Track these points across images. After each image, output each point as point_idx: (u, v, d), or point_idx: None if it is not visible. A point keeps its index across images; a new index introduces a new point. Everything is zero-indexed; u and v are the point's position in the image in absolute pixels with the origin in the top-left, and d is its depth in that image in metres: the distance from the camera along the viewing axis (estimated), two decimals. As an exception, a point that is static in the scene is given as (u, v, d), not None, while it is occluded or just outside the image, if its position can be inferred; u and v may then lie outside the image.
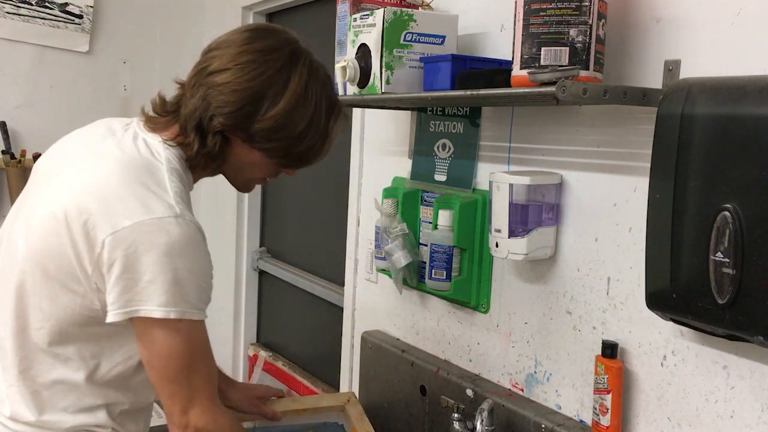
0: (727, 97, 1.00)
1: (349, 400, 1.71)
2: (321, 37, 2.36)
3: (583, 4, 1.11)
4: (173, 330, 1.10)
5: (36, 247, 1.14)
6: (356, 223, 1.99)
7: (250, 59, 1.14)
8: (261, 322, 2.93)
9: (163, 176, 1.12)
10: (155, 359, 1.12)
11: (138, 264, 1.06)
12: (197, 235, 1.11)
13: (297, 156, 1.22)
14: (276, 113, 1.15)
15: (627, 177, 1.24)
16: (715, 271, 1.00)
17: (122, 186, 1.10)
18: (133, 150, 1.16)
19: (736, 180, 0.98)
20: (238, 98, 1.13)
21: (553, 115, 1.38)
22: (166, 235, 1.06)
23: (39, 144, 2.76)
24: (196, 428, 1.14)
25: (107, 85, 2.93)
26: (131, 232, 1.06)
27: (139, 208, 1.08)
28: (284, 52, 1.17)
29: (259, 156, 1.20)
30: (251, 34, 1.18)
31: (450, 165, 1.62)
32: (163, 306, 1.07)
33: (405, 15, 1.42)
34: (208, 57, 1.19)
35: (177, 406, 1.13)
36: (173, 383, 1.13)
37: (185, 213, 1.10)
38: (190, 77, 1.20)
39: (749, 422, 1.08)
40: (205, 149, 1.16)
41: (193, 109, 1.16)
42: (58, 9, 2.78)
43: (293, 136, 1.18)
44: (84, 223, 1.08)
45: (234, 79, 1.13)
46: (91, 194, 1.10)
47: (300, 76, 1.17)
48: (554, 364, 1.40)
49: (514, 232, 1.31)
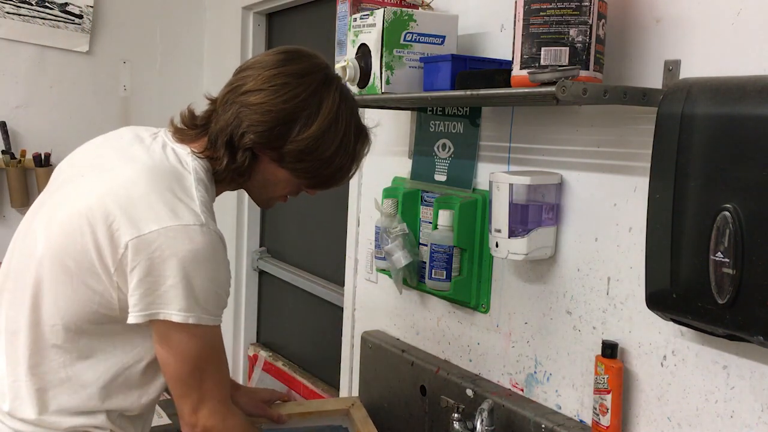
0: (727, 97, 1.00)
1: (354, 404, 1.73)
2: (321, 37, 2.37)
3: (583, 4, 1.11)
4: (190, 334, 1.13)
5: (57, 243, 1.15)
6: (356, 223, 1.99)
7: (285, 82, 1.17)
8: (261, 322, 2.93)
9: (190, 185, 1.15)
10: (170, 360, 1.15)
11: (162, 268, 1.09)
12: (219, 245, 1.14)
13: (325, 177, 1.26)
14: (308, 135, 1.18)
15: (627, 177, 1.24)
16: (715, 271, 1.00)
17: (150, 190, 1.12)
18: (162, 157, 1.19)
19: (736, 180, 0.98)
20: (272, 118, 1.16)
21: (553, 115, 1.38)
22: (191, 243, 1.09)
23: (39, 144, 2.77)
24: (205, 427, 1.17)
25: (107, 85, 2.93)
26: (157, 237, 1.09)
27: (166, 214, 1.10)
28: (317, 76, 1.20)
29: (285, 175, 1.23)
30: (285, 57, 1.20)
31: (450, 165, 1.62)
32: (183, 311, 1.10)
33: (405, 15, 1.42)
34: (242, 76, 1.20)
35: (188, 405, 1.16)
36: (185, 384, 1.16)
37: (210, 222, 1.13)
38: (222, 94, 1.22)
39: (749, 422, 1.08)
40: (234, 164, 1.19)
41: (224, 125, 1.18)
42: (58, 9, 2.78)
43: (324, 158, 1.21)
44: (109, 224, 1.11)
45: (269, 100, 1.16)
46: (117, 195, 1.12)
47: (332, 100, 1.20)
48: (554, 364, 1.40)
49: (514, 232, 1.31)
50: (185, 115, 1.26)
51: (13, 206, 2.75)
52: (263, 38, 2.82)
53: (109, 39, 2.91)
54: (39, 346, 1.17)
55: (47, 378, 1.17)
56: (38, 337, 1.17)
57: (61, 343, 1.17)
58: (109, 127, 3.25)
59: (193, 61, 3.12)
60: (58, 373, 1.17)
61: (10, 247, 1.27)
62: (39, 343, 1.17)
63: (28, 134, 2.78)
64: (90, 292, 1.14)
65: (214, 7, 3.04)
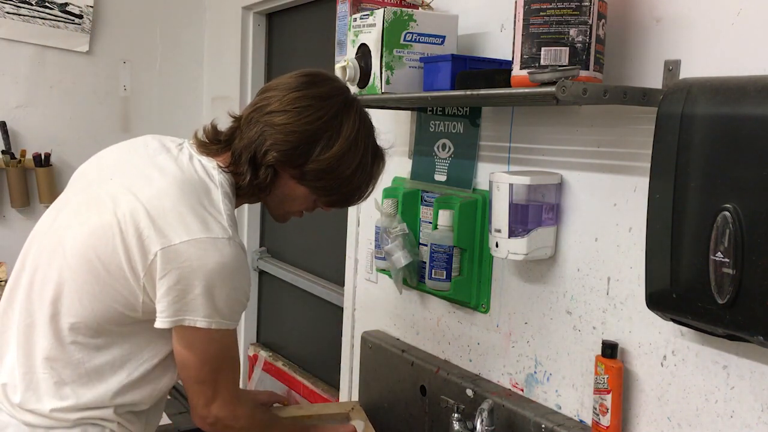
0: (727, 97, 1.00)
1: (354, 407, 1.74)
2: (321, 37, 2.37)
3: (583, 4, 1.11)
4: (211, 339, 1.21)
5: (87, 243, 1.19)
6: (356, 223, 1.99)
7: (308, 104, 1.23)
8: (261, 322, 2.92)
9: (218, 198, 1.22)
10: (191, 361, 1.22)
11: (191, 278, 1.15)
12: (243, 256, 1.21)
13: (344, 195, 1.33)
14: (330, 156, 1.24)
15: (627, 177, 1.24)
16: (715, 271, 1.00)
17: (180, 202, 1.18)
18: (191, 169, 1.24)
19: (736, 180, 0.98)
20: (296, 138, 1.22)
21: (553, 115, 1.38)
22: (220, 255, 1.16)
23: (39, 144, 2.77)
24: (217, 417, 1.26)
25: (107, 85, 2.93)
26: (188, 248, 1.15)
27: (197, 226, 1.16)
28: (338, 99, 1.26)
29: (303, 191, 1.29)
30: (307, 79, 1.26)
31: (450, 165, 1.62)
32: (207, 317, 1.17)
33: (405, 15, 1.42)
34: (266, 96, 1.26)
35: (201, 399, 1.25)
36: (202, 383, 1.24)
37: (235, 236, 1.20)
38: (246, 113, 1.28)
39: (749, 422, 1.08)
40: (256, 180, 1.25)
41: (248, 142, 1.24)
42: (58, 9, 2.78)
43: (343, 177, 1.27)
44: (140, 232, 1.16)
45: (293, 121, 1.22)
46: (150, 204, 1.17)
47: (353, 123, 1.26)
48: (554, 364, 1.40)
49: (514, 232, 1.31)
50: (208, 130, 1.31)
51: (13, 206, 2.75)
52: (263, 38, 2.82)
53: (109, 39, 2.91)
54: (59, 341, 1.21)
55: (66, 372, 1.21)
56: (58, 332, 1.21)
57: (81, 340, 1.21)
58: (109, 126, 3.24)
59: (193, 61, 3.12)
60: (77, 368, 1.21)
61: (26, 244, 1.30)
62: (59, 338, 1.21)
63: (28, 134, 2.78)
64: (115, 293, 1.18)
65: (214, 7, 3.04)
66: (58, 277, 1.21)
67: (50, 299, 1.21)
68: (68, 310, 1.20)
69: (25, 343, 1.23)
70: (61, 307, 1.20)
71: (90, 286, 1.18)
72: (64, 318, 1.20)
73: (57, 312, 1.20)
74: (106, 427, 1.23)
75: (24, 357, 1.22)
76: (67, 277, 1.20)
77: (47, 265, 1.23)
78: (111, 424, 1.24)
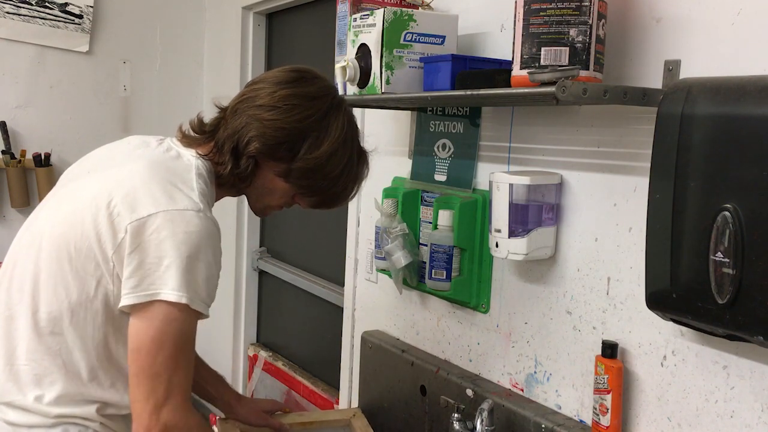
0: (726, 97, 1.00)
1: (355, 414, 1.75)
2: (321, 37, 2.37)
3: (583, 4, 1.11)
4: (173, 318, 1.13)
5: (59, 231, 1.19)
6: (356, 223, 1.99)
7: (298, 103, 1.24)
8: (261, 322, 2.93)
9: (190, 177, 1.21)
10: (145, 343, 1.13)
11: (159, 250, 1.12)
12: (215, 232, 1.18)
13: (330, 196, 1.33)
14: (318, 155, 1.24)
15: (627, 177, 1.24)
16: (715, 271, 1.00)
17: (150, 179, 1.17)
18: (165, 156, 1.25)
19: (736, 180, 0.98)
20: (283, 135, 1.23)
21: (553, 115, 1.38)
22: (187, 226, 1.13)
23: (39, 144, 2.77)
24: (166, 425, 1.13)
25: (107, 85, 2.93)
26: (156, 220, 1.13)
27: (164, 199, 1.15)
28: (328, 99, 1.27)
29: (283, 186, 1.29)
30: (297, 76, 1.27)
31: (450, 165, 1.62)
32: (176, 290, 1.12)
33: (405, 15, 1.42)
34: (254, 88, 1.27)
35: (150, 404, 1.13)
36: (155, 379, 1.13)
37: (207, 211, 1.18)
38: (232, 104, 1.28)
39: (749, 422, 1.08)
40: (237, 170, 1.25)
41: (232, 132, 1.24)
42: (58, 9, 2.78)
43: (330, 177, 1.27)
44: (110, 211, 1.15)
45: (282, 117, 1.22)
46: (119, 184, 1.18)
47: (341, 124, 1.27)
48: (554, 364, 1.40)
49: (514, 232, 1.31)
50: (194, 122, 1.32)
51: (13, 206, 2.75)
52: (263, 38, 2.82)
53: (109, 39, 2.91)
54: (37, 333, 1.20)
55: (45, 364, 1.20)
56: (37, 323, 1.20)
57: (58, 330, 1.19)
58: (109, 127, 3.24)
59: (193, 60, 3.12)
60: (56, 359, 1.20)
61: (15, 240, 1.31)
62: (37, 330, 1.20)
63: (28, 134, 2.78)
64: (89, 278, 1.17)
65: (213, 7, 3.04)
66: (35, 267, 1.20)
67: (29, 291, 1.20)
68: (45, 300, 1.19)
69: (5, 335, 1.22)
70: (39, 298, 1.20)
71: (64, 274, 1.17)
72: (42, 308, 1.19)
73: (36, 303, 1.20)
74: (89, 427, 1.21)
75: (4, 349, 1.22)
76: (43, 267, 1.19)
77: (25, 259, 1.23)
78: (93, 423, 1.22)
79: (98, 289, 1.17)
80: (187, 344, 1.17)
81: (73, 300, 1.18)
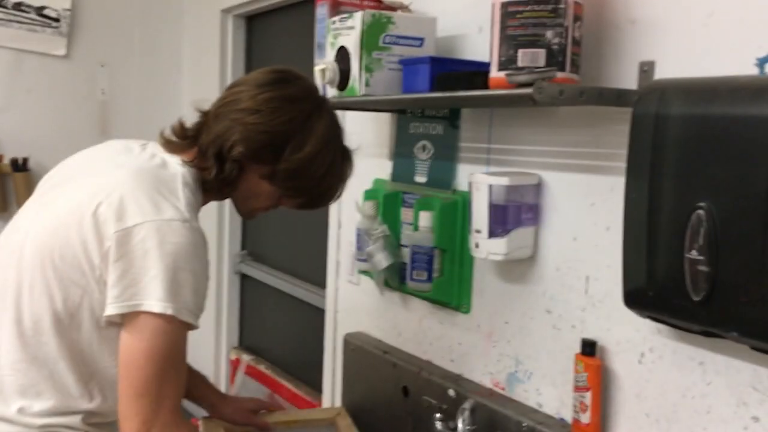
0: (699, 97, 1.01)
1: (339, 413, 1.74)
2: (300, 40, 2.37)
3: (559, 6, 1.12)
4: (162, 331, 1.12)
5: (42, 239, 1.18)
6: (337, 225, 1.99)
7: (280, 105, 1.23)
8: (243, 326, 2.91)
9: (176, 186, 1.19)
10: (135, 357, 1.12)
11: (144, 260, 1.11)
12: (201, 242, 1.17)
13: (315, 196, 1.33)
14: (302, 156, 1.23)
15: (604, 177, 1.25)
16: (690, 268, 1.02)
17: (137, 188, 1.16)
18: (151, 164, 1.23)
19: (709, 179, 0.99)
20: (266, 138, 1.22)
21: (531, 117, 1.39)
22: (173, 236, 1.12)
23: (16, 148, 2.74)
24: None
25: (85, 88, 2.91)
26: (141, 230, 1.12)
27: (150, 209, 1.13)
28: (311, 100, 1.27)
29: (268, 188, 1.28)
30: (279, 77, 1.26)
31: (430, 166, 1.63)
32: (162, 301, 1.11)
33: (384, 18, 1.42)
34: (235, 91, 1.26)
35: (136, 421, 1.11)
36: (144, 397, 1.12)
37: (193, 220, 1.17)
38: (214, 108, 1.28)
39: (725, 417, 1.09)
40: (222, 175, 1.24)
41: (215, 137, 1.23)
42: (34, 12, 2.76)
43: (315, 177, 1.27)
44: (95, 220, 1.13)
45: (266, 121, 1.21)
46: (105, 193, 1.16)
47: (325, 124, 1.27)
48: (535, 362, 1.41)
49: (494, 232, 1.32)
50: (176, 127, 1.30)
51: (-10, 212, 2.72)
52: (243, 41, 2.82)
53: (86, 42, 2.89)
54: (22, 342, 1.18)
55: (31, 374, 1.18)
56: (22, 333, 1.18)
57: (44, 340, 1.17)
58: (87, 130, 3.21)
59: (172, 64, 3.10)
60: (41, 370, 1.18)
61: None
62: (23, 340, 1.18)
63: (5, 139, 2.75)
64: (74, 287, 1.15)
65: (192, 10, 3.03)
66: (17, 275, 1.19)
67: (12, 300, 1.19)
68: (28, 308, 1.18)
69: None
70: (23, 308, 1.18)
71: (49, 282, 1.16)
72: (26, 317, 1.18)
73: (20, 312, 1.18)
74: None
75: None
76: (25, 276, 1.18)
77: (6, 266, 1.21)
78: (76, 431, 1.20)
79: (84, 297, 1.16)
80: (178, 357, 1.16)
81: (58, 308, 1.16)
